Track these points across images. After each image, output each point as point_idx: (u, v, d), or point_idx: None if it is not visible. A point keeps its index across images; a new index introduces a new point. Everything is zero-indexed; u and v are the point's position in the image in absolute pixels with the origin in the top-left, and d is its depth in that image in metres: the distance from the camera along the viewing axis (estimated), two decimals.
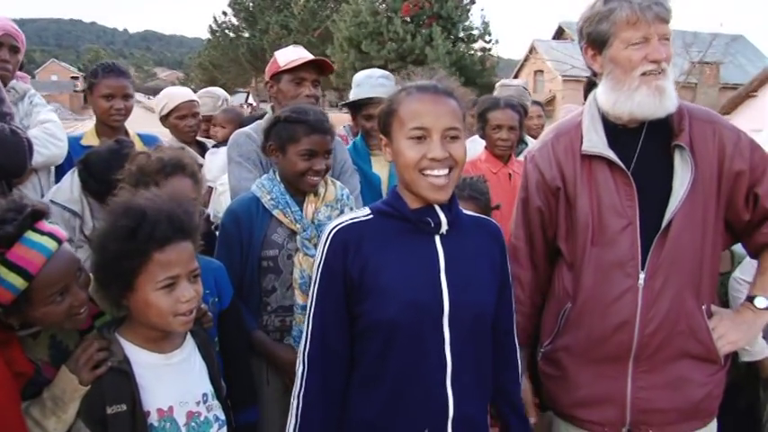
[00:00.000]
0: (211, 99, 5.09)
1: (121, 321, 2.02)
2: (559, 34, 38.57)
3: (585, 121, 2.40)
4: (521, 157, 4.31)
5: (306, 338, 1.98)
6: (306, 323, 1.99)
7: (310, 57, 3.30)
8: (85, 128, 3.86)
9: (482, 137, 4.05)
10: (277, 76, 3.32)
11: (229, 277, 2.66)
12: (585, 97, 4.45)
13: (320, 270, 1.96)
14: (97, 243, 1.91)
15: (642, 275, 2.26)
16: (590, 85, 4.44)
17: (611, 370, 2.33)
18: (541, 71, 33.94)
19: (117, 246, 1.85)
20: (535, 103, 5.99)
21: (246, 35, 51.93)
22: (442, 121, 1.87)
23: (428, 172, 1.87)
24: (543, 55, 32.79)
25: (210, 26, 53.71)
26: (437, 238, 1.96)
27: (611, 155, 2.30)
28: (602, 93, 2.37)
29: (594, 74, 2.44)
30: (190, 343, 2.11)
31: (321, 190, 2.81)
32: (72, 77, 79.51)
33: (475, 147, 4.21)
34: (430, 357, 1.91)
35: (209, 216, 3.21)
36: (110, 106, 3.59)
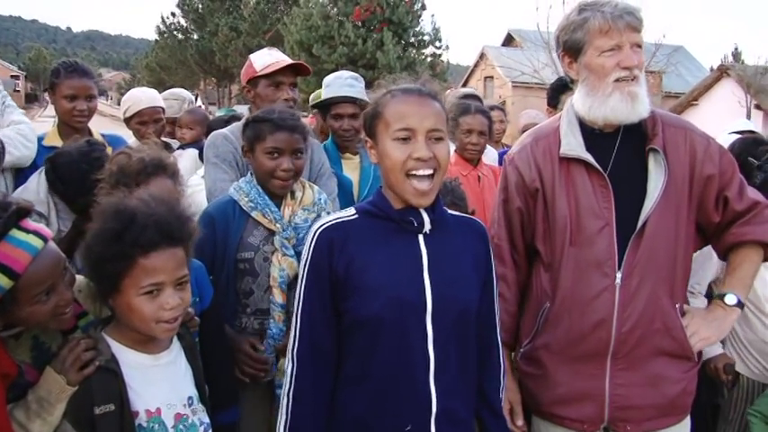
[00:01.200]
0: (177, 101, 5.00)
1: (107, 321, 1.99)
2: (509, 41, 39.14)
3: (563, 125, 2.47)
4: (485, 160, 4.41)
5: (294, 337, 2.00)
6: (294, 322, 2.01)
7: (288, 61, 3.30)
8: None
9: (452, 140, 4.11)
10: (254, 80, 3.30)
11: None
12: (550, 102, 4.60)
13: (306, 269, 1.99)
14: (85, 243, 1.87)
15: (619, 275, 2.33)
16: (555, 91, 4.59)
17: (589, 367, 2.39)
18: (491, 77, 34.35)
19: (102, 248, 1.82)
20: (497, 107, 6.08)
21: (195, 37, 51.31)
22: (427, 123, 1.91)
23: (413, 172, 1.91)
24: (493, 61, 33.20)
25: (158, 27, 52.97)
26: (420, 238, 2.00)
27: (589, 157, 2.37)
28: (578, 98, 2.45)
29: (571, 81, 2.51)
30: (177, 345, 2.09)
31: (298, 194, 2.81)
32: (12, 76, 77.36)
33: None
34: (414, 353, 1.95)
35: None
36: (72, 107, 3.49)
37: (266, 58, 3.27)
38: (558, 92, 4.52)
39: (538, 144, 2.51)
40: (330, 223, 2.01)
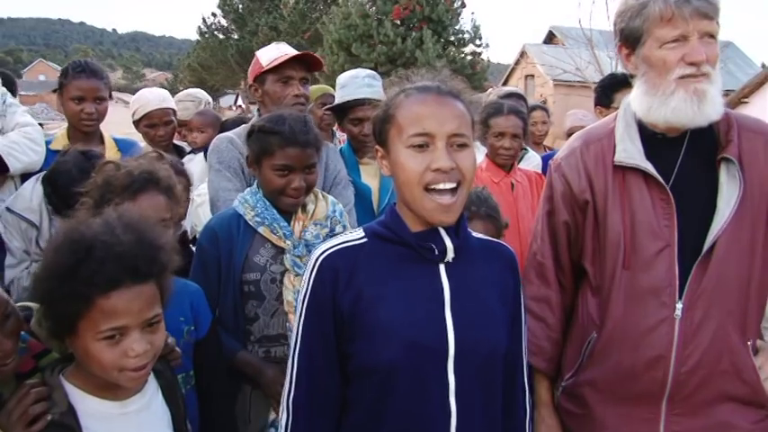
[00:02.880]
0: (192, 102, 4.69)
1: (70, 360, 1.70)
2: (550, 38, 38.45)
3: (619, 127, 2.13)
4: (523, 165, 4.05)
5: (290, 382, 1.70)
6: (289, 364, 1.71)
7: (294, 52, 3.00)
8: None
9: (483, 144, 3.77)
10: (261, 77, 3.02)
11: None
12: (600, 101, 4.23)
13: (306, 303, 1.69)
14: (34, 277, 1.61)
15: (679, 305, 2.00)
16: (606, 88, 4.21)
17: (641, 411, 2.07)
18: (532, 75, 33.74)
19: (53, 285, 1.55)
20: (539, 107, 5.70)
21: (236, 37, 51.55)
22: (448, 126, 1.60)
23: (433, 187, 1.59)
24: (534, 59, 32.54)
25: (199, 27, 53.39)
26: (442, 268, 1.69)
27: (649, 167, 2.03)
28: (635, 97, 2.11)
29: (630, 76, 2.18)
30: (152, 386, 1.80)
31: (310, 206, 2.53)
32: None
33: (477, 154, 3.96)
34: (432, 406, 1.64)
35: (185, 232, 2.91)
36: (80, 110, 3.29)
37: (272, 52, 2.99)
38: (610, 89, 4.12)
39: (589, 149, 2.18)
40: (334, 249, 1.71)
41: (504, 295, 1.77)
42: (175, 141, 4.27)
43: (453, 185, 1.60)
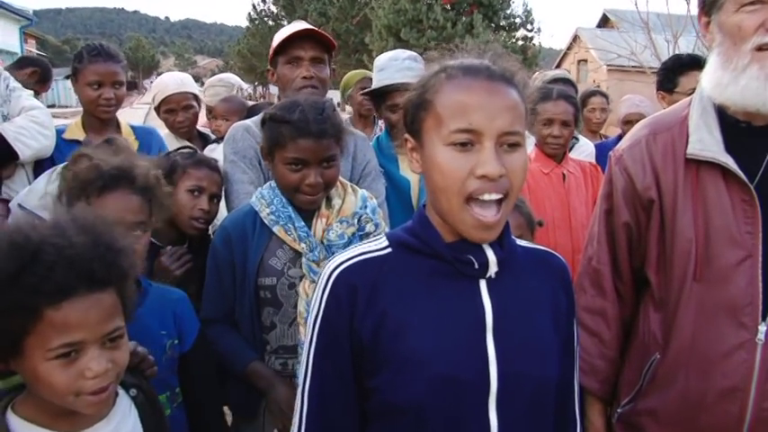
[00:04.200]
0: (224, 88, 4.38)
1: (23, 387, 1.45)
2: (604, 22, 37.45)
3: (694, 114, 1.81)
4: (574, 154, 3.70)
5: (300, 421, 1.41)
6: (299, 400, 1.42)
7: (299, 27, 2.70)
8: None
9: (530, 132, 3.44)
10: (274, 59, 2.75)
11: (220, 309, 2.21)
12: (663, 85, 3.82)
13: (317, 328, 1.39)
14: None
15: (763, 327, 1.69)
16: (669, 71, 3.81)
17: None
18: (585, 60, 32.93)
19: None
20: (599, 92, 5.30)
21: (285, 23, 51.69)
22: (499, 122, 1.27)
23: (477, 197, 1.28)
24: (587, 44, 31.76)
25: (249, 14, 53.71)
26: (482, 285, 1.38)
27: (729, 161, 1.71)
28: (707, 73, 1.80)
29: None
30: (123, 405, 1.53)
31: (336, 201, 2.25)
32: None
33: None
34: None
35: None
36: (98, 95, 3.08)
37: (283, 32, 2.72)
38: (673, 72, 3.71)
39: (656, 139, 1.87)
40: (352, 262, 1.40)
41: (558, 317, 1.46)
42: (201, 128, 4.03)
43: (500, 196, 1.29)
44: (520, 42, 28.99)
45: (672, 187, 1.80)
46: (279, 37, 2.72)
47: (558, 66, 34.93)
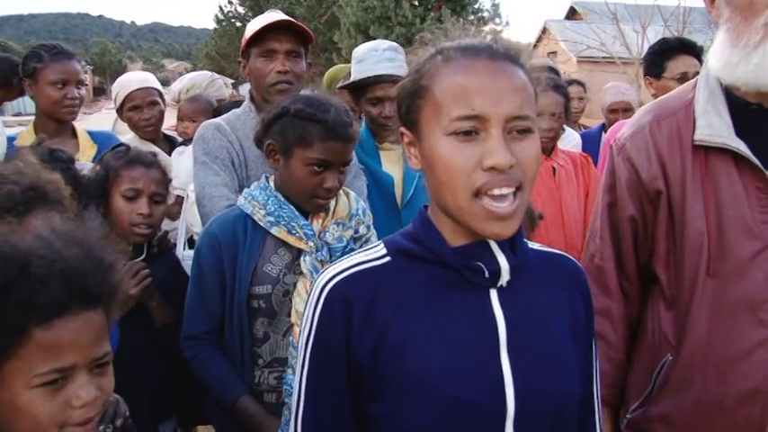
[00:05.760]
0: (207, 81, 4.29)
1: None
2: (572, 14, 37.64)
3: (700, 97, 1.69)
4: (560, 145, 3.57)
5: None
6: (292, 428, 1.27)
7: (274, 18, 2.54)
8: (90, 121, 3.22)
9: None
10: (246, 51, 2.59)
11: (205, 324, 2.07)
12: (650, 70, 3.71)
13: (309, 349, 1.24)
14: None
15: None
16: (656, 55, 3.69)
17: None
18: (555, 53, 32.96)
19: None
20: (576, 82, 5.20)
21: None
22: (506, 105, 1.12)
23: (488, 192, 1.13)
24: (557, 36, 31.85)
25: (216, 16, 53.23)
26: (494, 294, 1.23)
27: (741, 146, 1.59)
28: (714, 51, 1.68)
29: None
30: None
31: (331, 203, 2.13)
32: None
33: None
34: None
35: (165, 234, 2.52)
36: (62, 95, 2.93)
37: (257, 22, 2.56)
38: (661, 57, 3.60)
39: (661, 125, 1.74)
40: (346, 273, 1.24)
41: (577, 327, 1.31)
42: (167, 131, 3.85)
43: (512, 189, 1.13)
44: (489, 37, 29.04)
45: (680, 176, 1.68)
46: (252, 27, 2.56)
47: None
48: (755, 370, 1.59)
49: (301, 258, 2.03)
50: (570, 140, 3.99)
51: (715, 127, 1.63)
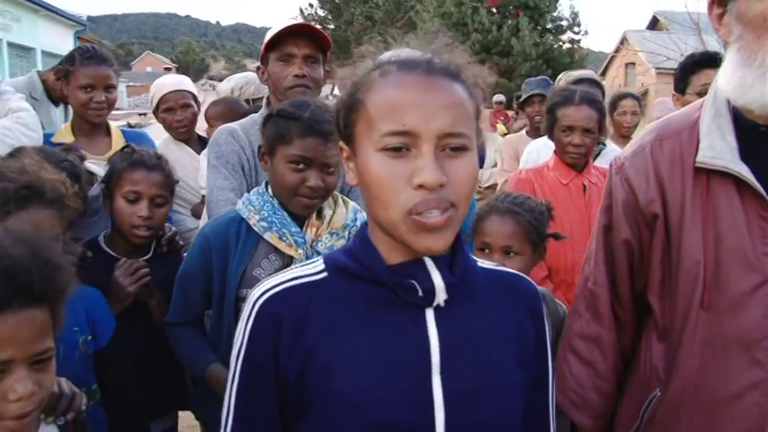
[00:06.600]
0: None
1: None
2: (654, 24, 36.59)
3: (705, 117, 1.58)
4: (600, 162, 3.43)
5: None
6: None
7: (292, 22, 2.55)
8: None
9: (550, 138, 3.19)
10: (265, 57, 2.60)
11: (184, 317, 2.14)
12: (675, 86, 3.55)
13: (239, 364, 1.21)
14: None
15: None
16: (683, 71, 3.51)
17: None
18: (633, 63, 32.15)
19: None
20: (630, 95, 4.99)
21: (332, 27, 51.94)
22: (438, 122, 1.08)
23: (418, 213, 1.07)
24: (635, 46, 30.92)
25: (297, 18, 54.27)
26: (430, 315, 1.18)
27: (743, 170, 1.48)
28: (725, 71, 1.56)
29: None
30: None
31: (327, 212, 2.11)
32: (165, 68, 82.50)
33: (547, 150, 3.38)
34: None
35: (175, 234, 2.56)
36: (89, 99, 2.98)
37: (276, 27, 2.55)
38: (686, 71, 3.43)
39: (663, 146, 1.63)
40: (279, 288, 1.20)
41: (523, 351, 1.24)
42: (202, 133, 3.90)
43: (445, 206, 1.08)
44: (566, 46, 28.51)
45: (679, 200, 1.57)
46: (271, 32, 2.57)
47: (606, 69, 34.25)
48: (746, 414, 1.48)
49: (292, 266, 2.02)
50: (611, 156, 3.82)
51: (717, 149, 1.52)
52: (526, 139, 4.55)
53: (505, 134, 7.80)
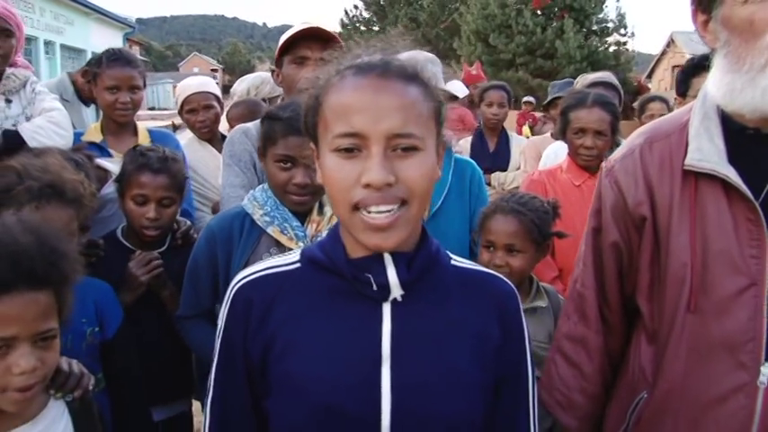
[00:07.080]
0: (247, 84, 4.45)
1: None
2: None
3: (694, 121, 1.57)
4: None
5: None
6: (204, 418, 1.34)
7: (305, 26, 2.60)
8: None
9: (563, 140, 3.19)
10: (280, 60, 2.66)
11: (195, 309, 2.22)
12: (679, 89, 3.52)
13: (219, 341, 1.31)
14: None
15: (766, 369, 1.44)
16: (684, 74, 3.50)
17: None
18: (679, 66, 31.71)
19: None
20: (659, 98, 4.95)
21: (376, 28, 52.12)
22: (386, 123, 1.12)
23: (362, 207, 1.13)
24: (683, 48, 30.44)
25: (342, 20, 54.53)
26: (386, 308, 1.23)
27: (730, 173, 1.47)
28: (713, 77, 1.55)
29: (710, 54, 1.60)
30: (53, 410, 1.55)
31: (328, 209, 2.18)
32: (212, 70, 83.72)
33: (564, 152, 3.38)
34: None
35: (190, 227, 2.65)
36: (114, 99, 3.10)
37: (290, 31, 2.61)
38: (688, 74, 3.41)
39: (652, 148, 1.63)
40: (255, 276, 1.29)
41: (483, 350, 1.27)
42: (223, 132, 4.00)
43: (390, 208, 1.13)
44: (612, 48, 28.10)
45: (667, 203, 1.57)
46: (285, 36, 2.63)
47: (652, 71, 33.68)
48: (731, 417, 1.47)
49: None
50: None
51: (705, 152, 1.51)
52: (550, 141, 4.55)
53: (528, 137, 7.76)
